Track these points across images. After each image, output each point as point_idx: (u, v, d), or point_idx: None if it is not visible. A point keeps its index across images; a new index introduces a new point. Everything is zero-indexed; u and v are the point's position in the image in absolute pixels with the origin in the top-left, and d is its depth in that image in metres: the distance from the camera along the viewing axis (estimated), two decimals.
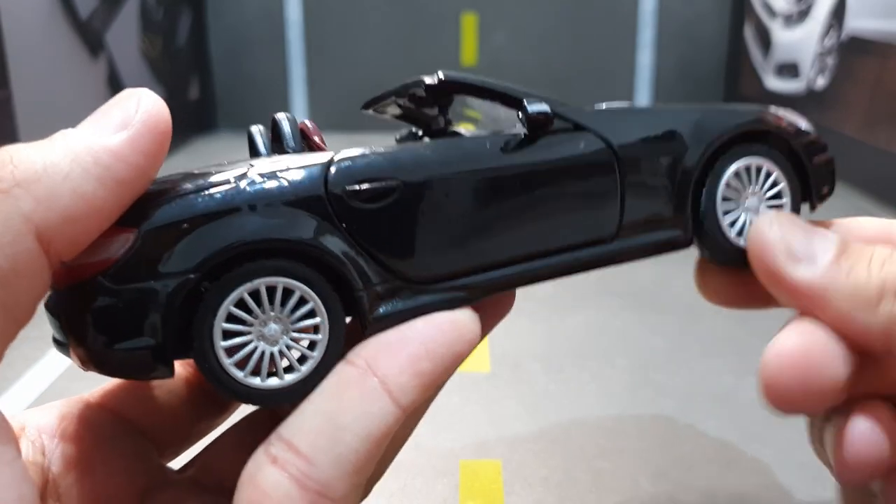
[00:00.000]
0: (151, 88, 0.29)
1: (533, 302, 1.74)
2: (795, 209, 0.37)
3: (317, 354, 0.30)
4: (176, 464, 0.37)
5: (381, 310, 0.31)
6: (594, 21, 3.86)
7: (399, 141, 0.42)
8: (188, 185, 0.30)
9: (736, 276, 0.34)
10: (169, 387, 0.36)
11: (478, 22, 3.87)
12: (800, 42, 3.13)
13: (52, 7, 2.54)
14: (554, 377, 1.41)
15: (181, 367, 0.36)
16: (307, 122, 0.35)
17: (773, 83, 3.40)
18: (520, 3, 3.84)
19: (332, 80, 3.83)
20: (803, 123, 0.39)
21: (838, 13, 2.80)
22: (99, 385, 0.36)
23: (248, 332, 0.30)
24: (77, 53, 2.71)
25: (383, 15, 3.82)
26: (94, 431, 0.33)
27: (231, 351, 0.30)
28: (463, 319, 0.30)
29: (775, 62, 3.37)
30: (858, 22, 2.67)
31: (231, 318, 0.30)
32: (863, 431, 0.29)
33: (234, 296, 0.30)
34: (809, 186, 0.38)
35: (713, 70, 3.86)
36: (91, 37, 2.80)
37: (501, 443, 1.22)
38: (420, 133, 0.42)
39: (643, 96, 3.90)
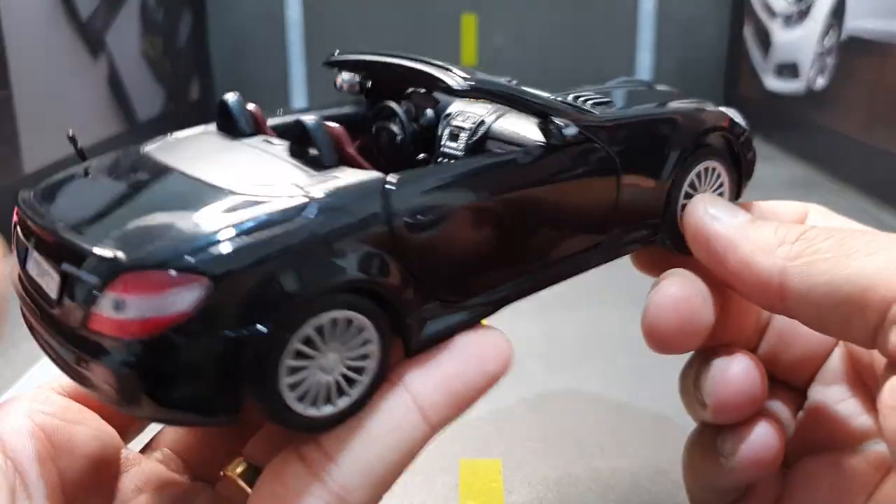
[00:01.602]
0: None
1: (532, 302, 1.73)
2: (732, 199, 0.42)
3: (366, 379, 0.30)
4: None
5: (424, 332, 0.32)
6: (594, 22, 3.86)
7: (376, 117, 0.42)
8: (244, 215, 0.28)
9: (671, 257, 0.39)
10: None
11: (477, 22, 3.87)
12: (799, 42, 3.12)
13: (52, 7, 2.54)
14: (554, 376, 1.41)
15: None
16: (253, 105, 0.36)
17: (773, 83, 3.39)
18: (519, 4, 3.84)
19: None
20: (741, 121, 0.43)
21: (838, 13, 2.80)
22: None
23: (310, 367, 0.29)
24: (77, 54, 2.71)
25: (383, 16, 3.82)
26: (61, 423, 0.33)
27: (292, 386, 0.29)
28: (495, 340, 0.31)
29: (775, 62, 3.36)
30: (858, 22, 2.67)
31: (295, 355, 0.29)
32: (739, 370, 0.34)
33: (302, 333, 0.29)
34: (740, 177, 0.43)
35: (712, 70, 3.85)
36: (92, 37, 2.80)
37: (501, 442, 1.22)
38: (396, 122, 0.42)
39: None
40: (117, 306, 0.27)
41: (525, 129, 0.38)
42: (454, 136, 0.40)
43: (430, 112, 0.42)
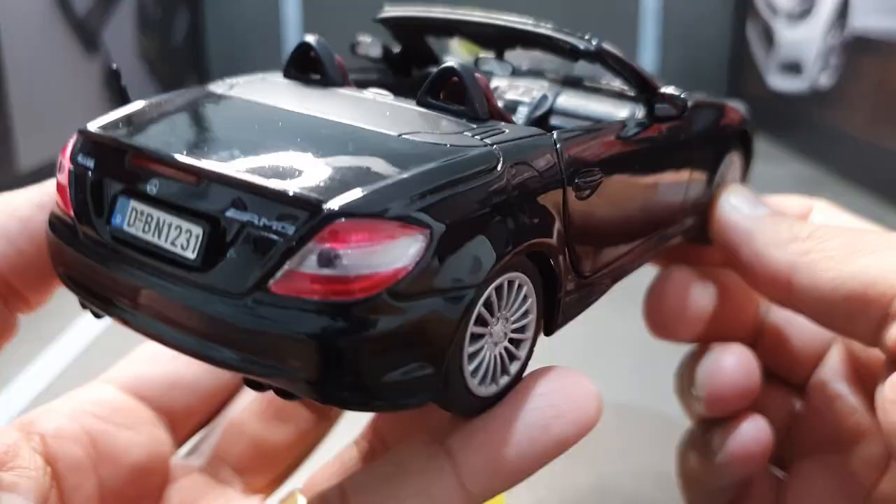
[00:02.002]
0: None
1: None
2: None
3: (523, 353, 0.28)
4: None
5: (565, 308, 0.30)
6: (597, 19, 3.85)
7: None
8: (440, 164, 0.24)
9: (682, 248, 0.40)
10: (193, 368, 0.35)
11: None
12: (803, 40, 3.11)
13: (48, 5, 2.52)
14: None
15: None
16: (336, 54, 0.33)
17: (776, 82, 3.37)
18: None
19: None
20: (746, 114, 0.45)
21: (842, 10, 2.78)
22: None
23: (486, 335, 0.26)
24: (73, 51, 2.69)
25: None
26: (109, 427, 0.31)
27: (471, 358, 0.26)
28: (570, 391, 0.27)
29: (778, 60, 3.34)
30: (863, 20, 2.65)
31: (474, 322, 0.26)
32: (732, 360, 0.35)
33: (486, 296, 0.25)
34: (748, 165, 0.44)
35: (716, 68, 3.84)
36: (87, 35, 2.78)
37: None
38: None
39: None
40: (327, 260, 0.22)
41: (590, 106, 0.36)
42: (510, 110, 0.37)
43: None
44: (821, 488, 0.34)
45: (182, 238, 0.24)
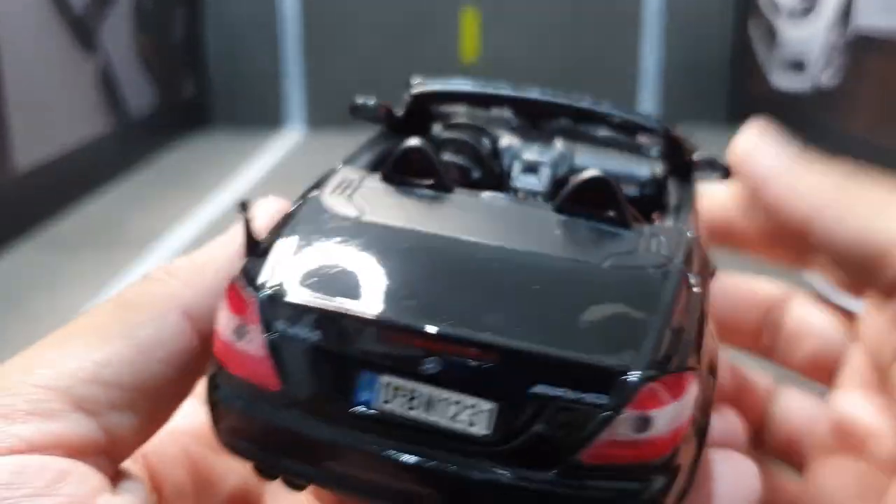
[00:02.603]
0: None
1: None
2: None
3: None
4: None
5: None
6: (599, 18, 3.84)
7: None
8: (659, 297, 0.24)
9: None
10: None
11: (480, 17, 3.84)
12: (805, 38, 3.10)
13: (44, 2, 2.50)
14: None
15: None
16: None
17: (779, 80, 3.36)
18: None
19: (330, 76, 3.79)
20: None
21: (845, 9, 2.77)
22: None
23: None
24: (70, 49, 2.67)
25: (382, 10, 3.79)
26: (206, 451, 0.30)
27: None
28: (742, 478, 0.27)
29: (781, 59, 3.33)
30: (866, 18, 2.64)
31: None
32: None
33: None
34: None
35: (719, 67, 3.82)
36: (84, 32, 2.76)
37: None
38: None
39: (648, 94, 3.87)
40: (642, 425, 0.23)
41: (609, 163, 0.34)
42: (531, 170, 0.34)
43: (487, 144, 0.36)
44: (833, 489, 0.34)
45: (466, 414, 0.23)
